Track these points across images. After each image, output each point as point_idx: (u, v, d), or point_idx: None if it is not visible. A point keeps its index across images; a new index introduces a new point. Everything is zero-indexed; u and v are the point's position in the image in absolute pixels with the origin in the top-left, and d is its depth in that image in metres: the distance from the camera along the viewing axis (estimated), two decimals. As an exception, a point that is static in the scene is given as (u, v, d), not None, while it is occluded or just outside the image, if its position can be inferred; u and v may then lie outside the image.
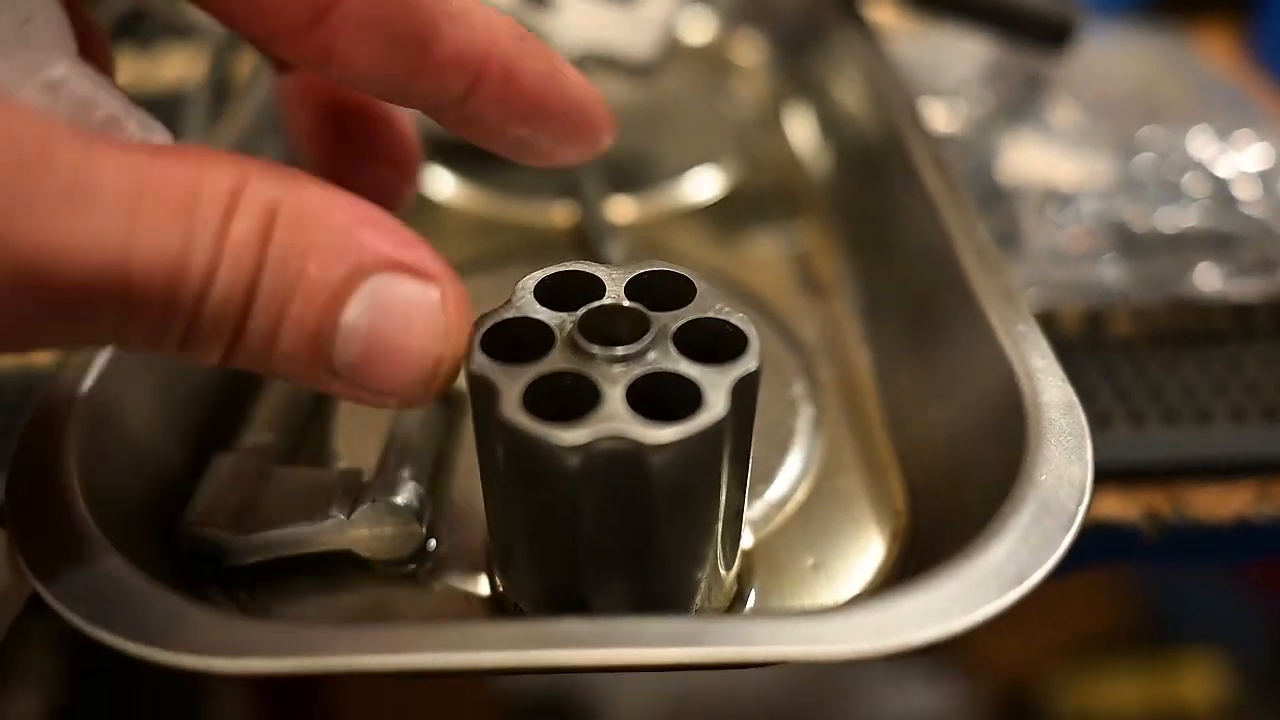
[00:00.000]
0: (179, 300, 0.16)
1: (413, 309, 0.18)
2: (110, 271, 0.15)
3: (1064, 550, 0.21)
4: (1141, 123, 0.45)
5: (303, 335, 0.17)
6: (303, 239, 0.17)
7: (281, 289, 0.17)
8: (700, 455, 0.20)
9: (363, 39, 0.20)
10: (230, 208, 0.16)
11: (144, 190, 0.16)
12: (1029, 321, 0.27)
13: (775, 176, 0.45)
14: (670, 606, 0.23)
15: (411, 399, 0.19)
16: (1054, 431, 0.24)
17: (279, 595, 0.25)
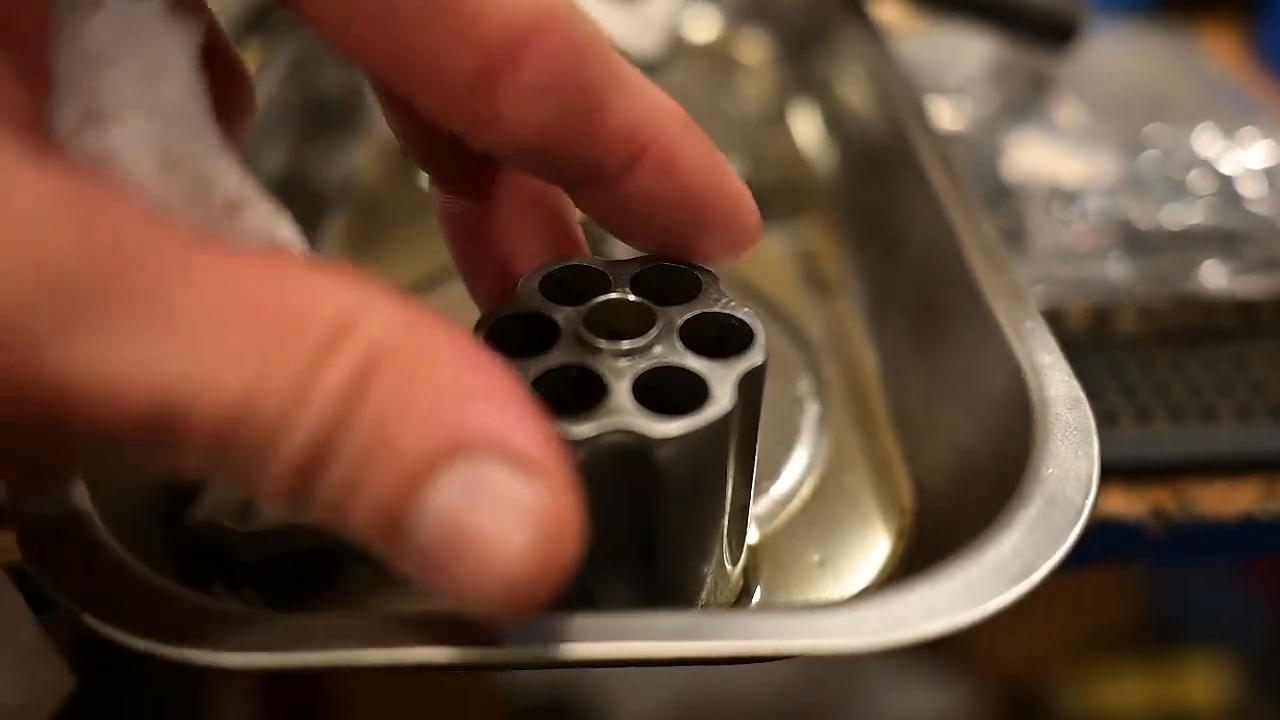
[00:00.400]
0: (249, 445, 0.14)
1: (504, 499, 0.15)
2: (161, 408, 0.13)
3: (1071, 544, 0.21)
4: (1146, 121, 0.45)
5: (378, 512, 0.15)
6: (400, 402, 0.14)
7: (362, 456, 0.14)
8: (707, 449, 0.20)
9: (533, 106, 0.18)
10: (330, 347, 0.14)
11: (231, 313, 0.14)
12: (1036, 318, 0.27)
13: (780, 174, 0.45)
14: (676, 602, 0.23)
15: (490, 606, 0.15)
16: (1060, 426, 0.24)
17: (283, 591, 0.25)
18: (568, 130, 0.18)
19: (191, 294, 0.13)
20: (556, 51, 0.18)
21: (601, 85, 0.19)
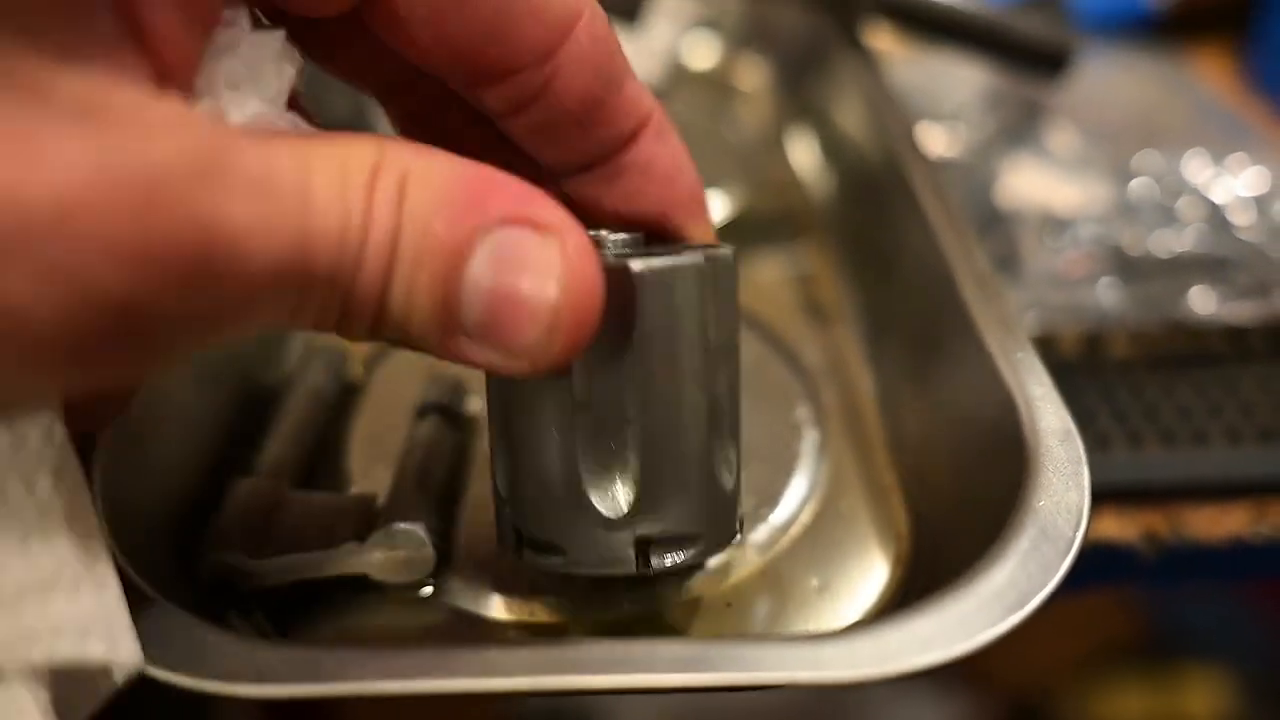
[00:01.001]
0: (343, 271, 0.18)
1: (530, 258, 0.19)
2: (294, 254, 0.17)
3: (1062, 575, 0.22)
4: (1138, 147, 0.46)
5: (435, 294, 0.18)
6: (431, 198, 0.18)
7: (414, 248, 0.18)
8: (681, 302, 0.22)
9: (579, 73, 0.22)
10: (373, 177, 0.18)
11: (311, 174, 0.17)
12: (1027, 348, 0.27)
13: (778, 201, 0.46)
14: (675, 517, 0.22)
15: (542, 356, 0.19)
16: (1052, 459, 0.24)
17: (294, 619, 0.26)
18: (598, 97, 0.23)
19: (285, 165, 0.17)
20: (596, 30, 0.22)
21: (621, 64, 0.23)
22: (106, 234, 0.15)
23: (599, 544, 0.22)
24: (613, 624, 0.26)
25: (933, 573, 0.27)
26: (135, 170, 0.15)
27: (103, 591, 0.18)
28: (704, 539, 0.23)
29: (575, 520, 0.22)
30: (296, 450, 0.29)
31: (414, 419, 0.31)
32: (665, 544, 0.22)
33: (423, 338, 0.19)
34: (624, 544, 0.22)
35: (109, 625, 0.18)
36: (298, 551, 0.25)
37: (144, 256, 0.15)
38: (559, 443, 0.22)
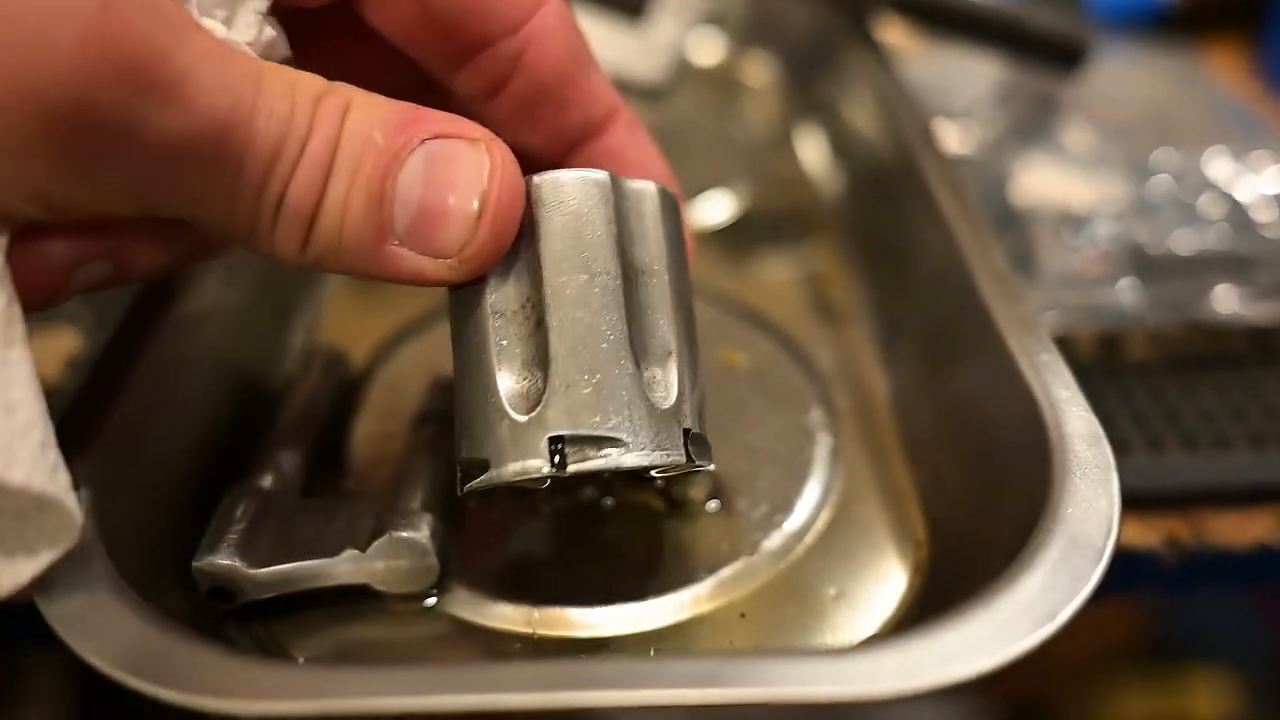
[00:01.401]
0: (281, 167, 0.19)
1: (457, 158, 0.21)
2: (235, 121, 0.18)
3: (1093, 586, 0.21)
4: (1155, 144, 0.45)
5: (371, 192, 0.20)
6: (370, 118, 0.20)
7: (353, 154, 0.20)
8: (581, 209, 0.22)
9: (550, 43, 0.24)
10: (320, 96, 0.20)
11: (264, 73, 0.19)
12: (1051, 351, 0.26)
13: (787, 199, 0.45)
14: (590, 420, 0.22)
15: (467, 254, 0.21)
16: (1079, 464, 0.23)
17: (293, 629, 0.25)
18: (569, 72, 0.25)
19: (240, 56, 0.19)
20: (563, 11, 0.24)
21: (587, 49, 0.25)
22: (66, 11, 0.17)
23: (516, 446, 0.22)
24: (621, 636, 0.25)
25: (952, 581, 0.26)
26: None
27: (10, 415, 0.19)
28: (628, 445, 0.22)
29: (494, 426, 0.22)
30: (295, 456, 0.28)
31: (414, 425, 0.30)
32: (582, 444, 0.22)
33: (355, 246, 0.20)
34: (538, 443, 0.22)
35: (9, 448, 0.18)
36: (297, 560, 0.24)
37: (98, 47, 0.17)
38: (479, 353, 0.22)
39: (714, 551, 0.27)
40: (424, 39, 0.24)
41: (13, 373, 0.19)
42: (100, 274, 0.22)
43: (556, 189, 0.22)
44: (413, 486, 0.26)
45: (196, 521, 0.26)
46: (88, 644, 0.20)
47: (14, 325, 0.19)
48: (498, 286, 0.22)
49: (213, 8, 0.21)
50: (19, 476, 0.18)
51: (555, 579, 0.26)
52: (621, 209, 0.23)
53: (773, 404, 0.32)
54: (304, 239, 0.20)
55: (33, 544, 0.20)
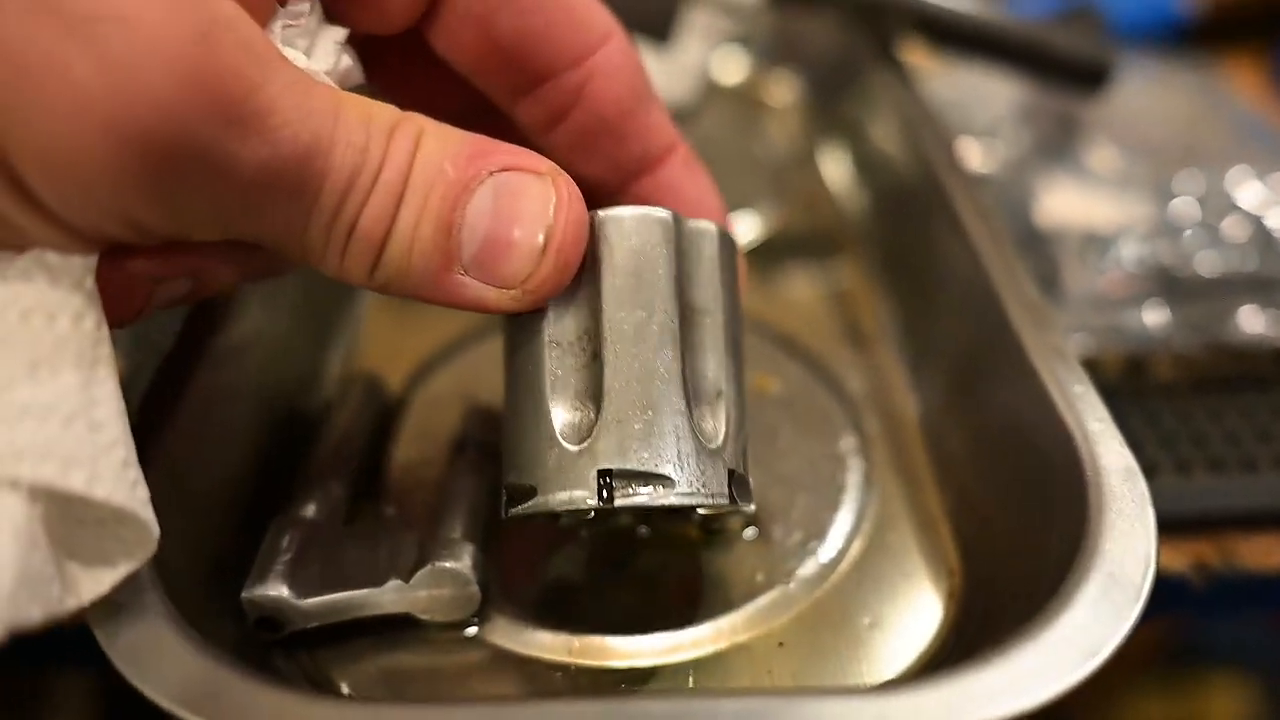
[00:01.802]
0: (355, 195, 0.20)
1: (525, 191, 0.21)
2: (314, 152, 0.19)
3: (1133, 624, 0.21)
4: (1179, 165, 0.45)
5: (439, 224, 0.21)
6: (442, 149, 0.21)
7: (424, 184, 0.20)
8: (642, 247, 0.23)
9: (614, 78, 0.25)
10: (394, 127, 0.20)
11: (342, 105, 0.20)
12: (1085, 382, 0.27)
13: (812, 219, 0.45)
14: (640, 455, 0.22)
15: (531, 285, 0.21)
16: (1115, 499, 0.24)
17: (337, 657, 0.25)
18: (629, 108, 0.25)
19: (320, 89, 0.19)
20: (626, 48, 0.25)
21: (649, 86, 0.26)
22: (165, 45, 0.17)
23: (564, 475, 0.22)
24: (659, 666, 0.25)
25: (988, 611, 0.26)
26: (198, 17, 0.17)
27: (97, 432, 0.19)
28: (675, 483, 0.22)
29: (543, 454, 0.22)
30: (338, 483, 0.28)
31: (453, 450, 0.30)
32: (629, 479, 0.22)
33: (422, 272, 0.21)
34: (587, 474, 0.22)
35: (94, 463, 0.19)
36: (343, 590, 0.25)
37: (192, 77, 0.17)
38: (533, 380, 0.23)
39: (750, 580, 0.27)
40: (489, 69, 0.25)
41: (99, 391, 0.20)
42: (181, 290, 0.22)
43: (619, 225, 0.23)
44: (453, 515, 0.27)
45: (242, 548, 0.26)
46: (146, 678, 0.20)
47: (101, 345, 0.20)
48: (557, 317, 0.23)
49: (295, 38, 0.22)
50: (102, 492, 0.19)
51: (593, 607, 0.27)
52: (681, 248, 0.23)
53: (804, 429, 0.33)
54: (373, 264, 0.21)
55: (112, 555, 0.21)
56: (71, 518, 0.20)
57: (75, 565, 0.20)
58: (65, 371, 0.19)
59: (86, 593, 0.20)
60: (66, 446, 0.19)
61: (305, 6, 0.22)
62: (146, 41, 0.17)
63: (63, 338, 0.19)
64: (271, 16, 0.21)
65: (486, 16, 0.24)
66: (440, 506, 0.27)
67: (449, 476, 0.29)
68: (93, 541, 0.20)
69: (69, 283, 0.20)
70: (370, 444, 0.31)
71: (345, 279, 0.21)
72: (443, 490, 0.28)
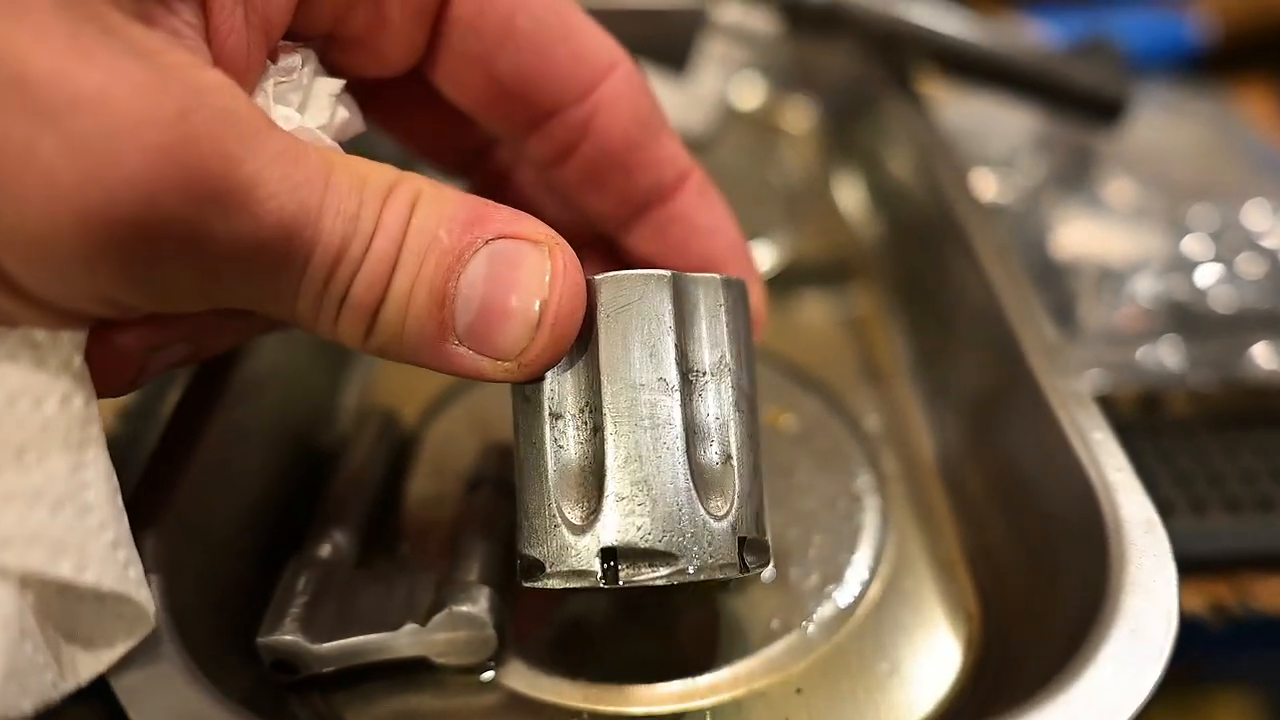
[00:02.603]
0: (349, 255, 0.19)
1: (520, 260, 0.20)
2: (302, 223, 0.18)
3: (1157, 682, 0.21)
4: (1195, 197, 0.45)
5: (435, 289, 0.20)
6: (437, 214, 0.20)
7: (419, 250, 0.20)
8: (638, 310, 0.22)
9: (620, 108, 0.24)
10: (389, 191, 0.20)
11: (333, 171, 0.19)
12: (1104, 429, 0.27)
13: (827, 248, 0.45)
14: (644, 532, 0.22)
15: (527, 356, 0.21)
16: (1136, 551, 0.24)
17: (352, 700, 0.25)
18: (637, 140, 0.25)
19: (311, 155, 0.19)
20: (633, 78, 0.25)
21: (659, 115, 0.25)
22: (139, 126, 0.16)
23: (568, 554, 0.22)
24: (676, 713, 0.25)
25: (1006, 659, 0.26)
26: (177, 93, 0.17)
27: (85, 516, 0.19)
28: (681, 559, 0.22)
29: (548, 531, 0.22)
30: (352, 524, 0.28)
31: (467, 489, 0.30)
32: (635, 557, 0.22)
33: (416, 340, 0.20)
34: (590, 554, 0.22)
35: (83, 548, 0.19)
36: (359, 634, 0.25)
37: (169, 157, 0.17)
38: (537, 453, 0.22)
39: (767, 625, 0.27)
40: (492, 107, 0.25)
41: (89, 474, 0.19)
42: (178, 355, 0.22)
43: (617, 290, 0.22)
44: (469, 558, 0.27)
45: (258, 588, 0.26)
46: (150, 717, 0.20)
47: (91, 425, 0.20)
48: (557, 389, 0.22)
49: (287, 94, 0.21)
50: (91, 577, 0.19)
51: (609, 652, 0.27)
52: (682, 310, 0.23)
53: (820, 466, 0.32)
54: (367, 330, 0.20)
55: (110, 634, 0.20)
56: (70, 598, 0.20)
57: (75, 646, 0.20)
58: (53, 455, 0.19)
59: (85, 672, 0.20)
60: (54, 532, 0.18)
61: (297, 59, 0.22)
62: (120, 123, 0.16)
63: (50, 420, 0.19)
64: (262, 74, 0.21)
65: (486, 56, 0.24)
66: (455, 548, 0.27)
67: (463, 516, 0.29)
68: (92, 620, 0.20)
69: (56, 362, 0.19)
70: (385, 481, 0.31)
71: (339, 341, 0.21)
72: (457, 530, 0.28)
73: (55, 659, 0.19)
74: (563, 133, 0.25)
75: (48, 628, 0.19)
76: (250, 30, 0.20)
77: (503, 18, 0.23)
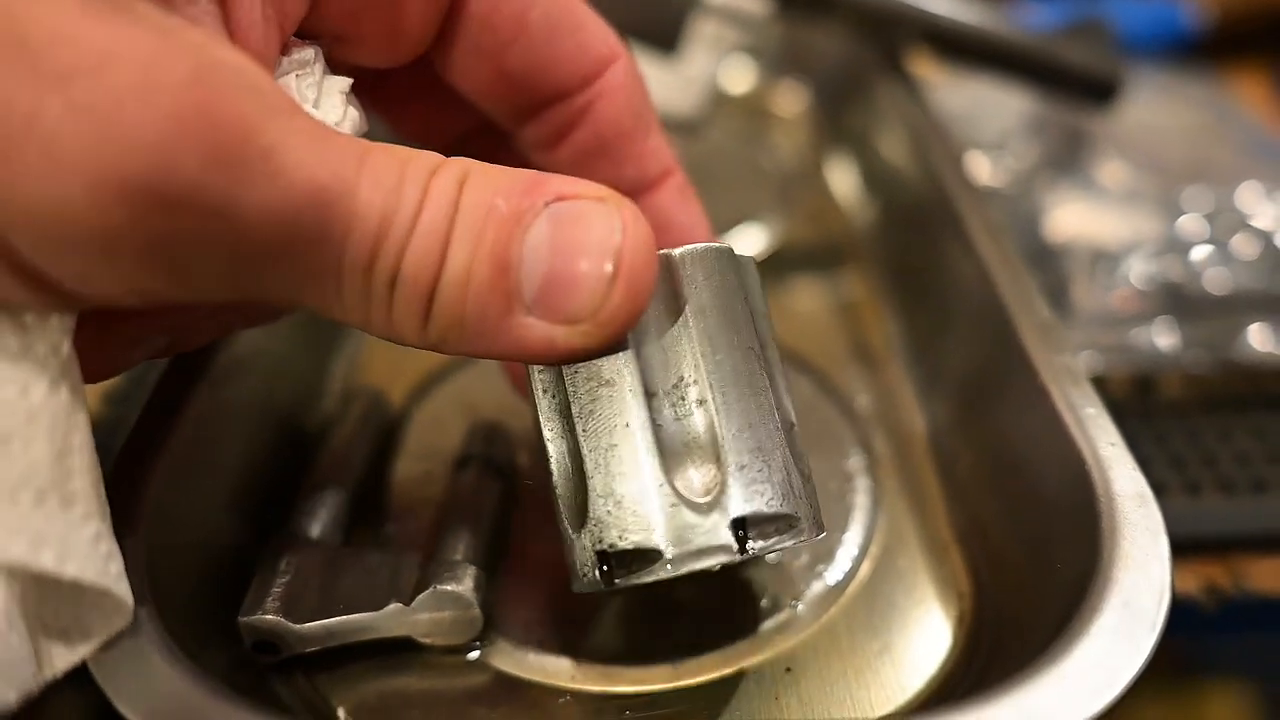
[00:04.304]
0: (395, 228, 0.18)
1: (586, 218, 0.19)
2: (342, 187, 0.17)
3: (1149, 656, 0.21)
4: (1188, 179, 0.45)
5: (495, 263, 0.19)
6: (491, 186, 0.19)
7: (475, 222, 0.19)
8: (723, 281, 0.22)
9: (616, 100, 0.25)
10: (436, 169, 0.19)
11: (372, 150, 0.18)
12: (1097, 405, 0.26)
13: (819, 230, 0.45)
14: (766, 496, 0.21)
15: (607, 320, 0.19)
16: (1129, 526, 0.23)
17: (336, 681, 0.25)
18: (630, 130, 0.25)
19: (344, 139, 0.18)
20: (632, 71, 0.25)
21: (651, 111, 0.26)
22: (150, 90, 0.16)
23: (696, 532, 0.21)
24: (664, 691, 0.25)
25: (998, 637, 0.26)
26: (191, 61, 0.16)
27: (70, 507, 0.19)
28: (800, 521, 0.22)
29: (665, 512, 0.21)
30: (336, 502, 0.28)
31: (454, 468, 0.30)
32: (762, 525, 0.21)
33: (480, 318, 0.19)
34: (720, 528, 0.21)
35: (65, 540, 0.18)
36: (341, 614, 0.24)
37: (182, 122, 0.16)
38: (636, 437, 0.21)
39: (757, 604, 0.27)
40: (498, 95, 0.25)
41: (74, 462, 0.19)
42: (158, 347, 0.22)
43: (699, 262, 0.22)
44: (455, 536, 0.26)
45: (241, 568, 0.26)
46: (127, 697, 0.20)
47: (77, 414, 0.19)
48: (648, 364, 0.21)
49: (305, 88, 0.21)
50: (73, 569, 0.19)
51: (597, 631, 0.26)
52: (744, 282, 0.23)
53: (812, 447, 0.32)
54: (424, 315, 0.19)
55: (87, 625, 0.20)
56: (48, 589, 0.19)
57: (52, 638, 0.20)
58: (38, 444, 0.18)
59: (61, 663, 0.20)
60: (37, 524, 0.18)
61: (310, 54, 0.21)
62: (129, 87, 0.16)
63: (36, 408, 0.18)
64: (277, 68, 0.21)
65: (498, 50, 0.24)
66: (442, 527, 0.27)
67: (450, 495, 0.29)
68: (70, 612, 0.20)
69: (45, 348, 0.18)
70: (371, 461, 0.31)
71: (397, 337, 0.19)
72: (444, 510, 0.28)
73: (34, 650, 0.19)
74: (560, 119, 0.25)
75: (29, 620, 0.19)
76: (267, 25, 0.20)
77: (516, 13, 0.23)
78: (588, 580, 0.22)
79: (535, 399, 0.23)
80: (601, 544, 0.21)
